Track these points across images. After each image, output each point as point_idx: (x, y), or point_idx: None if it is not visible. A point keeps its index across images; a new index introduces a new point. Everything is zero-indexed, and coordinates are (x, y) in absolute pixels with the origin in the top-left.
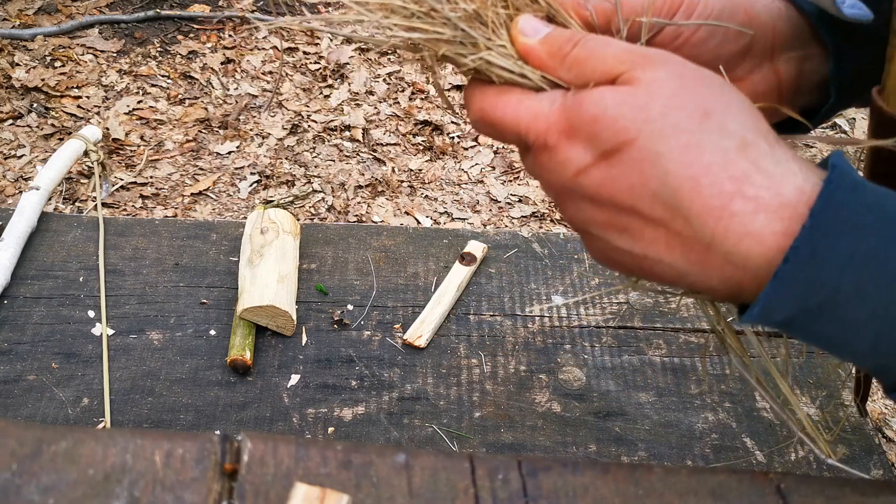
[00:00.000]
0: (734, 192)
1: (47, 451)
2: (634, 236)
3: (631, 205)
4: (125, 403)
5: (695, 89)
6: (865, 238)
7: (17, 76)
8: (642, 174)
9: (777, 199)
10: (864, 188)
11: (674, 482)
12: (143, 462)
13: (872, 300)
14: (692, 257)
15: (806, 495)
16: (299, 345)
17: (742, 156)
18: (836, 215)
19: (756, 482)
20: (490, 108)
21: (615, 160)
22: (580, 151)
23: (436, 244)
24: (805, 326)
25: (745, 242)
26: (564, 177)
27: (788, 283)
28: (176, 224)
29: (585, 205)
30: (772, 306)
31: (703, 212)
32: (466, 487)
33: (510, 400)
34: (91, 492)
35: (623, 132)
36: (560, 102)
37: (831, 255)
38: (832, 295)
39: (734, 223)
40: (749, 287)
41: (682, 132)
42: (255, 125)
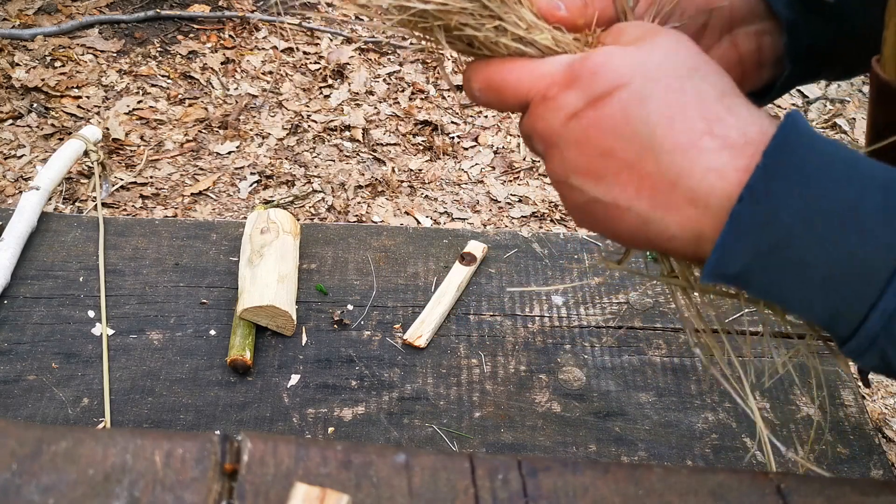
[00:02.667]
0: (704, 131)
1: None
2: (609, 183)
3: (611, 147)
4: (125, 403)
5: (688, 53)
6: (816, 176)
7: (17, 76)
8: (627, 114)
9: (743, 138)
10: (815, 136)
11: (674, 482)
12: (143, 462)
13: (822, 238)
14: (658, 200)
15: (806, 495)
16: (299, 345)
17: (718, 102)
18: (790, 157)
19: (756, 482)
20: (495, 73)
21: (605, 102)
22: (575, 97)
23: (436, 244)
24: (759, 275)
25: (709, 177)
26: (556, 122)
27: (743, 222)
28: (176, 224)
29: (570, 151)
30: (728, 252)
31: (673, 148)
32: (466, 487)
33: (510, 400)
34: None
35: (620, 77)
36: (568, 59)
37: (784, 195)
38: (784, 235)
39: (701, 158)
40: (708, 233)
41: (670, 78)
42: (255, 125)
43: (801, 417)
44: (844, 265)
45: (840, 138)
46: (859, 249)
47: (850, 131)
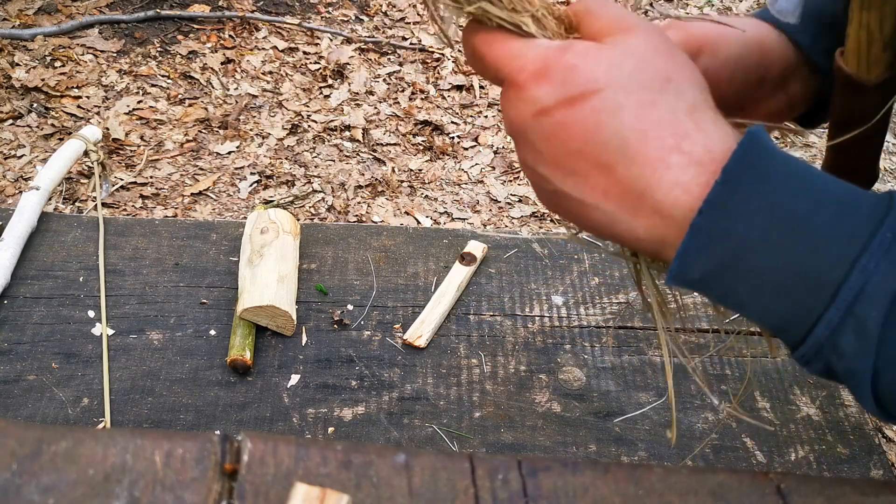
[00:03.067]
0: (673, 147)
1: (47, 451)
2: (578, 180)
3: (581, 149)
4: (125, 403)
5: (665, 59)
6: (772, 190)
7: (17, 76)
8: (599, 122)
9: (708, 155)
10: (775, 151)
11: (674, 482)
12: (143, 462)
13: (776, 249)
14: (626, 205)
15: (806, 495)
16: (299, 345)
17: (688, 117)
18: (747, 171)
19: (756, 482)
20: (479, 43)
21: (578, 106)
22: (547, 93)
23: (436, 244)
24: (717, 282)
25: (674, 192)
26: (526, 114)
27: (702, 233)
28: (176, 224)
29: (539, 144)
30: (688, 260)
31: (644, 160)
32: (466, 487)
33: (510, 400)
34: (91, 492)
35: (594, 82)
36: (544, 47)
37: (740, 207)
38: (740, 245)
39: (669, 173)
40: (671, 240)
41: (644, 90)
42: (255, 125)
43: (801, 417)
44: (796, 276)
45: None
46: (810, 261)
47: None
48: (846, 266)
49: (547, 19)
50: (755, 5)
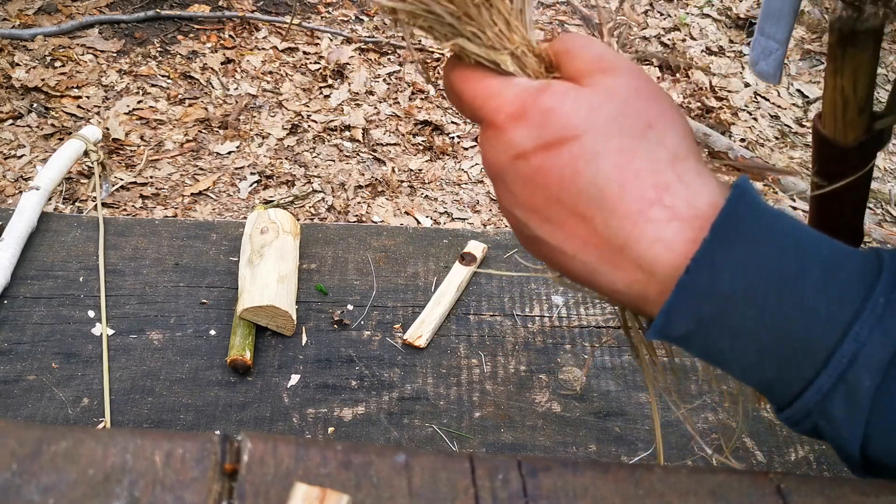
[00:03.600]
0: (654, 200)
1: (47, 451)
2: (555, 227)
3: (558, 196)
4: (125, 403)
5: (646, 102)
6: (759, 249)
7: (17, 76)
8: (576, 169)
9: (692, 210)
10: (763, 208)
11: (674, 482)
12: (143, 462)
13: (761, 309)
14: (605, 257)
15: (806, 495)
16: (299, 345)
17: (670, 168)
18: (735, 229)
19: (756, 482)
20: (456, 79)
21: (555, 152)
22: (525, 136)
23: (436, 244)
24: (702, 340)
25: (656, 248)
26: (504, 157)
27: (688, 292)
28: (176, 224)
29: (517, 187)
30: (673, 317)
31: (623, 214)
32: (466, 487)
33: (510, 400)
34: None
35: (571, 127)
36: (522, 87)
37: (727, 265)
38: (725, 304)
39: (648, 228)
40: (653, 296)
41: (623, 137)
42: (255, 125)
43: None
44: (783, 339)
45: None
46: (798, 325)
47: None
48: (838, 332)
49: (527, 57)
50: (755, 5)
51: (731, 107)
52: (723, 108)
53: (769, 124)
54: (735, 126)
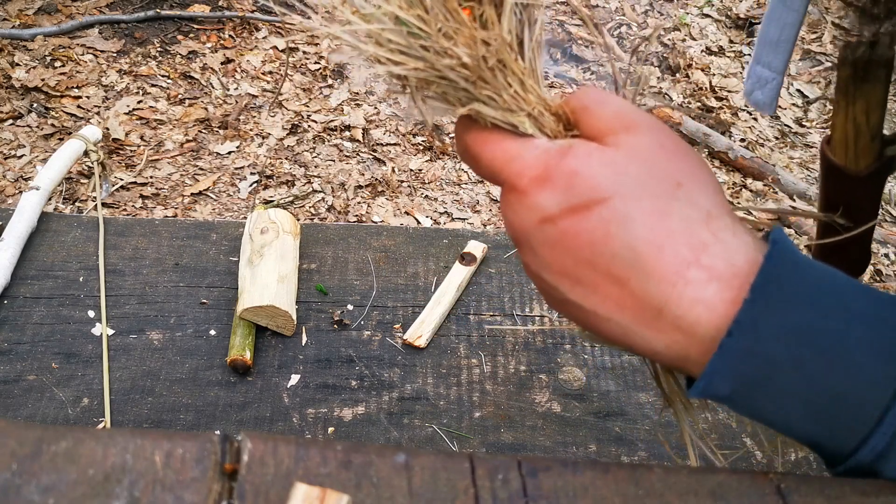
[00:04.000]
0: (692, 260)
1: (47, 451)
2: (587, 290)
3: (591, 259)
4: (125, 403)
5: (672, 160)
6: (802, 311)
7: (17, 76)
8: (608, 233)
9: (730, 269)
10: (802, 263)
11: (674, 482)
12: (143, 462)
13: (808, 371)
14: (642, 319)
15: (806, 495)
16: (299, 345)
17: (704, 227)
18: (776, 289)
19: (756, 482)
20: (472, 142)
21: (584, 215)
22: (550, 200)
23: (436, 244)
24: (746, 400)
25: (697, 309)
26: (529, 221)
27: (731, 354)
28: (176, 224)
29: (545, 251)
30: (716, 379)
31: (660, 276)
32: (466, 487)
33: (510, 400)
34: (91, 492)
35: (599, 190)
36: (543, 149)
37: (771, 328)
38: (770, 366)
39: (688, 289)
40: (694, 357)
41: (653, 198)
42: (255, 125)
43: None
44: (832, 400)
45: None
46: (847, 385)
47: None
48: (889, 390)
49: (544, 116)
50: (755, 5)
51: (731, 107)
52: (723, 108)
53: (769, 124)
54: (735, 126)
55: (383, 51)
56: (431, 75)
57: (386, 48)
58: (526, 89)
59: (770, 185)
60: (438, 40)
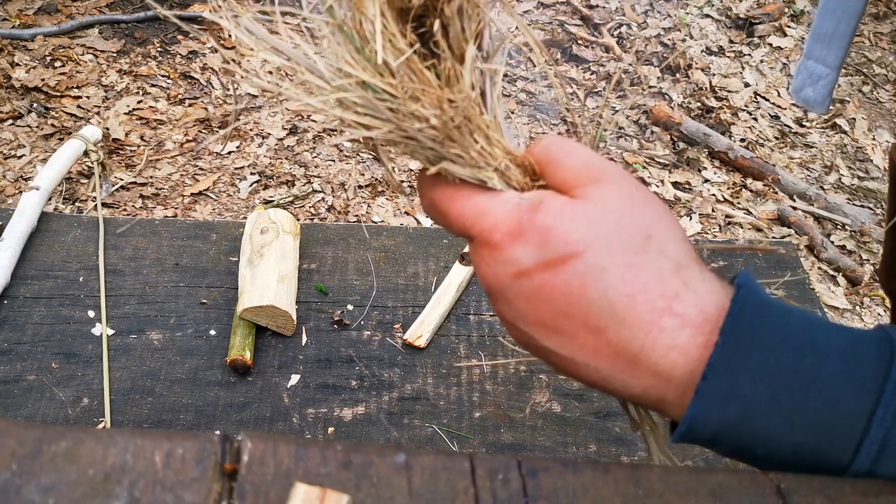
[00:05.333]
0: (664, 309)
1: (47, 451)
2: (564, 339)
3: (567, 310)
4: (125, 403)
5: (641, 211)
6: (774, 351)
7: (17, 76)
8: (583, 285)
9: (701, 315)
10: (770, 304)
11: (674, 482)
12: (143, 462)
13: (788, 409)
14: (619, 365)
15: (806, 495)
16: (299, 345)
17: (675, 276)
18: (746, 331)
19: (756, 482)
20: (440, 199)
21: (559, 269)
22: (525, 254)
23: (436, 244)
24: (728, 442)
25: (671, 355)
26: (504, 275)
27: (708, 397)
28: (176, 224)
29: (520, 303)
30: (696, 423)
31: (635, 324)
32: (466, 487)
33: (510, 400)
34: (91, 492)
35: (573, 245)
36: (514, 204)
37: (744, 369)
38: (748, 406)
39: (662, 336)
40: (671, 400)
41: (625, 250)
42: (255, 125)
43: None
44: (812, 434)
45: (840, 139)
46: (826, 418)
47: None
48: (863, 421)
49: (510, 170)
50: (755, 5)
51: (731, 107)
52: (723, 108)
53: (769, 124)
54: (735, 126)
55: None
56: (399, 136)
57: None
58: (492, 143)
59: (770, 185)
60: (405, 103)
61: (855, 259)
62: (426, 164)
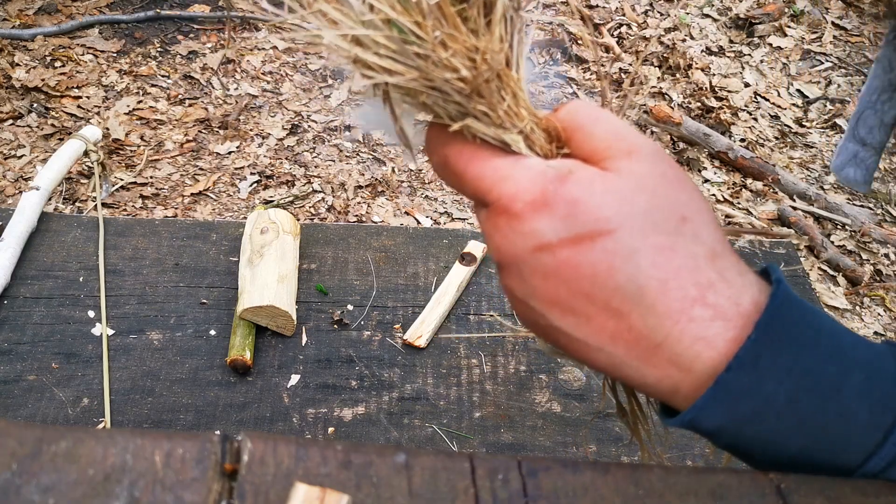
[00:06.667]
0: (696, 298)
1: (47, 451)
2: (580, 321)
3: (589, 291)
4: (125, 403)
5: (676, 191)
6: (804, 353)
7: (17, 76)
8: (611, 266)
9: (735, 308)
10: (803, 306)
11: (674, 482)
12: (143, 462)
13: (802, 413)
14: (636, 352)
15: (806, 495)
16: (299, 345)
17: (710, 264)
18: (781, 329)
19: (756, 482)
20: (455, 157)
21: (587, 246)
22: (548, 227)
23: (436, 244)
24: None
25: (697, 346)
26: (522, 248)
27: (726, 390)
28: (176, 224)
29: (536, 280)
30: (705, 412)
31: (663, 312)
32: (466, 488)
33: (510, 400)
34: (91, 492)
35: (604, 221)
36: (538, 171)
37: (771, 367)
38: (765, 406)
39: (691, 326)
40: (684, 392)
41: (659, 232)
42: (255, 125)
43: None
44: (820, 441)
45: (840, 139)
46: (838, 428)
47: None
48: (878, 436)
49: (535, 134)
50: (755, 5)
51: (732, 107)
52: (723, 108)
53: (769, 124)
54: (735, 126)
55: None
56: (422, 86)
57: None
58: (518, 104)
59: (770, 185)
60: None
61: (855, 259)
62: (446, 120)
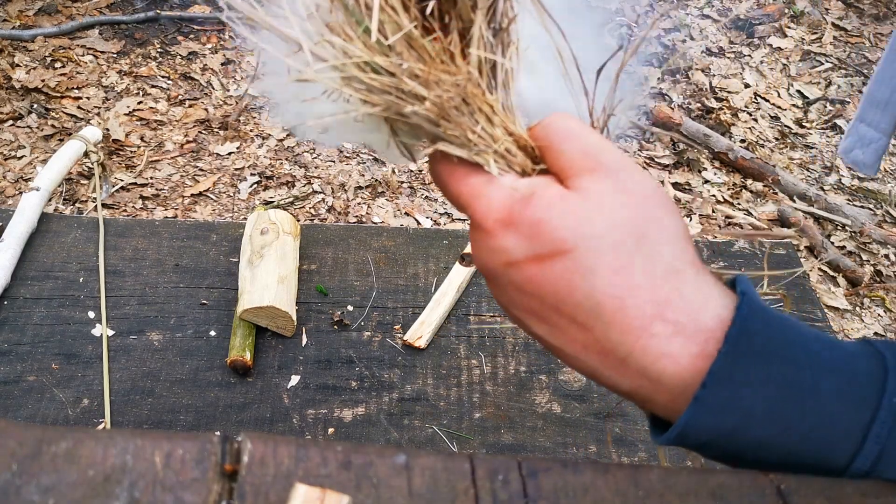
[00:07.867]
0: (655, 315)
1: (47, 451)
2: (554, 330)
3: (555, 305)
4: (125, 404)
5: (636, 207)
6: (775, 362)
7: (17, 77)
8: (571, 283)
9: (694, 324)
10: (770, 315)
11: (674, 483)
12: (143, 463)
13: (783, 422)
14: (607, 363)
15: (806, 495)
16: (299, 345)
17: (667, 282)
18: (749, 341)
19: (756, 483)
20: (441, 174)
21: (548, 264)
22: (515, 245)
23: (436, 245)
24: (718, 449)
25: (662, 361)
26: (496, 262)
27: (706, 405)
28: (176, 225)
29: (511, 291)
30: (690, 429)
31: (624, 329)
32: (466, 488)
33: (510, 401)
34: (91, 492)
35: (562, 242)
36: (508, 192)
37: (747, 378)
38: (746, 417)
39: (652, 343)
40: (661, 402)
41: (616, 251)
42: (255, 126)
43: None
44: (804, 447)
45: (840, 139)
46: (820, 433)
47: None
48: (859, 436)
49: (511, 154)
50: (755, 5)
51: (731, 107)
52: (723, 108)
53: (769, 125)
54: (735, 126)
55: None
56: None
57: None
58: (494, 125)
59: (770, 186)
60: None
61: (855, 260)
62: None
